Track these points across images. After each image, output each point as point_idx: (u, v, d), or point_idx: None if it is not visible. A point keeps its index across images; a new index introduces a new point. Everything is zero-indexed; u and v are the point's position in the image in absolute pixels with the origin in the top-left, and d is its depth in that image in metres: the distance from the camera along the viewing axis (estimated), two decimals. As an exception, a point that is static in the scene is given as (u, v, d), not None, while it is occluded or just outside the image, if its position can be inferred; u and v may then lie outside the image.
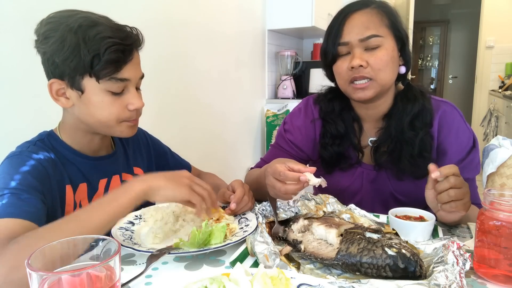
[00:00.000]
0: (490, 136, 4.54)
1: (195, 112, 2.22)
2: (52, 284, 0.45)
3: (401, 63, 1.05)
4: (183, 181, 0.80)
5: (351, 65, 0.98)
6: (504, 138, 1.00)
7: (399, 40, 1.02)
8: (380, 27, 0.98)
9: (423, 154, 1.02)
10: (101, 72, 0.81)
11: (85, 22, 0.80)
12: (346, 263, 0.66)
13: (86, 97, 0.83)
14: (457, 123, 1.05)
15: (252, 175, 1.18)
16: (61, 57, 0.79)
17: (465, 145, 1.04)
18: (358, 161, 1.11)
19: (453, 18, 7.85)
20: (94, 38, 0.79)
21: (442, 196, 0.81)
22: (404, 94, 1.07)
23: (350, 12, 1.01)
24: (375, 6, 1.01)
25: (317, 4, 2.84)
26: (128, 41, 0.84)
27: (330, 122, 1.12)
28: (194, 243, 0.75)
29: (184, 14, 2.05)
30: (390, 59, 0.98)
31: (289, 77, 3.05)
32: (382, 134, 1.08)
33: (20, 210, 0.72)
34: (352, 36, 0.98)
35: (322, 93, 1.18)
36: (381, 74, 0.98)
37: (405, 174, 1.05)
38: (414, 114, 1.03)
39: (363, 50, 0.99)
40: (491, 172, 0.97)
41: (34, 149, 0.85)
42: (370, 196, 1.12)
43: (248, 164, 2.84)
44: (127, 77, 0.85)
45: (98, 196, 0.95)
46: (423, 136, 1.03)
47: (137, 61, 0.89)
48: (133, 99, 0.87)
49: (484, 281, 0.66)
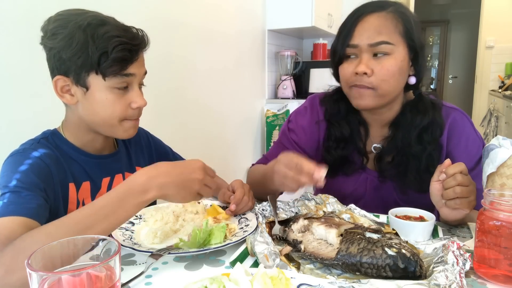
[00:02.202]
0: (490, 136, 4.54)
1: (195, 112, 2.22)
2: (52, 284, 0.45)
3: (411, 73, 1.00)
4: (194, 189, 0.77)
5: (355, 70, 0.95)
6: (504, 138, 1.00)
7: (412, 50, 0.96)
8: (393, 34, 0.94)
9: (430, 169, 0.97)
10: (108, 69, 0.82)
11: (94, 21, 0.82)
12: (346, 263, 0.66)
13: (91, 94, 0.84)
14: (467, 132, 1.02)
15: (255, 171, 1.16)
16: (69, 53, 0.80)
17: (474, 154, 1.00)
18: (363, 166, 1.09)
19: (453, 18, 7.85)
20: (102, 37, 0.80)
21: (447, 193, 0.81)
22: (414, 105, 1.02)
23: (365, 13, 0.96)
24: (392, 10, 0.96)
25: (317, 4, 2.84)
26: (135, 41, 0.85)
27: (335, 124, 1.09)
28: (195, 242, 0.75)
29: (184, 14, 2.05)
30: (397, 70, 0.94)
31: (289, 77, 3.05)
32: (387, 143, 1.05)
33: (20, 207, 0.71)
34: (362, 39, 0.94)
35: (328, 93, 1.15)
36: (384, 85, 0.94)
37: (410, 188, 1.02)
38: (423, 127, 1.00)
39: (371, 56, 0.95)
40: (491, 172, 0.96)
41: (37, 147, 0.85)
42: (373, 203, 1.09)
43: (248, 164, 2.84)
44: (132, 72, 0.86)
45: (101, 195, 0.95)
46: (431, 151, 0.99)
47: (142, 60, 0.90)
48: (136, 98, 0.88)
49: (484, 281, 0.66)
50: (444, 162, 0.84)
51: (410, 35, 0.95)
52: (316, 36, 3.37)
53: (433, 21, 7.94)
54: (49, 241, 0.64)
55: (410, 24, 0.96)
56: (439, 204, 0.86)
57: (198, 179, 0.76)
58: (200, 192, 0.78)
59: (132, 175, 0.73)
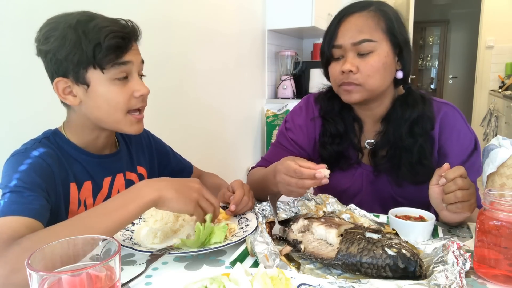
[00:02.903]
0: (490, 136, 4.54)
1: (195, 112, 2.22)
2: (52, 284, 0.45)
3: (398, 67, 1.03)
4: (193, 196, 0.79)
5: (341, 69, 0.99)
6: (504, 138, 1.00)
7: (396, 45, 1.00)
8: (374, 32, 0.97)
9: (423, 161, 1.01)
10: (104, 59, 0.82)
11: (83, 18, 0.83)
12: (346, 263, 0.66)
13: (93, 90, 0.84)
14: (459, 126, 1.04)
15: (255, 174, 1.17)
16: (63, 53, 0.81)
17: (467, 147, 1.03)
18: (358, 160, 1.11)
19: (453, 18, 7.86)
20: (93, 30, 0.81)
21: (449, 197, 0.81)
22: (404, 99, 1.06)
23: (347, 15, 1.00)
24: (373, 9, 1.00)
25: (317, 4, 2.84)
26: (126, 30, 0.86)
27: (329, 120, 1.12)
28: (198, 238, 0.75)
29: (184, 14, 2.05)
30: (381, 65, 0.98)
31: (289, 77, 3.05)
32: (380, 138, 1.07)
33: (23, 207, 0.72)
34: (346, 39, 0.98)
35: (322, 91, 1.18)
36: (370, 80, 0.98)
37: (404, 180, 1.04)
38: (413, 120, 1.02)
39: (356, 55, 0.99)
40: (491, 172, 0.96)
41: (39, 147, 0.85)
42: (370, 198, 1.12)
43: (248, 164, 2.84)
44: (128, 59, 0.86)
45: (102, 195, 0.95)
46: (422, 143, 1.02)
47: (137, 49, 0.91)
48: (138, 86, 0.88)
49: (484, 281, 0.66)
50: (443, 166, 0.84)
51: (392, 31, 0.99)
52: (316, 36, 3.37)
53: (433, 21, 7.94)
54: (54, 239, 0.65)
55: (392, 21, 0.99)
56: (439, 207, 0.86)
57: (196, 187, 0.80)
58: (199, 202, 0.79)
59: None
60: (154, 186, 0.76)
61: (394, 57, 1.01)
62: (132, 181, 1.03)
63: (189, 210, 0.78)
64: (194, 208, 0.78)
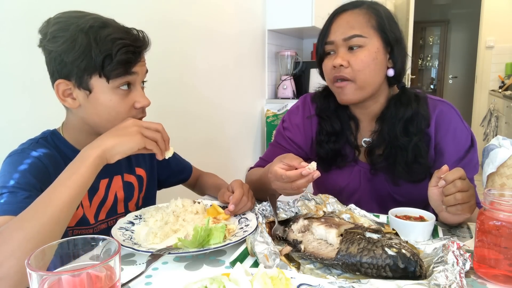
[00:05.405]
0: (490, 136, 4.54)
1: (195, 112, 2.22)
2: (52, 284, 0.45)
3: (389, 65, 1.04)
4: (133, 130, 0.79)
5: (333, 64, 1.01)
6: (504, 138, 1.00)
7: (387, 42, 1.01)
8: (365, 28, 0.99)
9: (418, 160, 1.02)
10: (112, 72, 0.82)
11: (95, 23, 0.81)
12: (346, 263, 0.66)
13: (94, 96, 0.84)
14: (455, 123, 1.04)
15: (253, 175, 1.18)
16: (71, 57, 0.80)
17: (463, 144, 1.03)
18: (355, 158, 1.11)
19: (453, 18, 7.85)
20: (105, 39, 0.80)
21: (448, 200, 0.81)
22: (398, 98, 1.06)
23: (339, 12, 1.04)
24: (365, 7, 1.02)
25: (317, 4, 2.84)
26: (138, 43, 0.86)
27: (325, 119, 1.13)
28: (196, 240, 0.75)
29: (184, 14, 2.05)
30: (371, 60, 0.99)
31: (289, 77, 3.05)
32: (375, 137, 1.08)
33: (16, 207, 0.72)
34: (337, 35, 1.01)
35: (318, 91, 1.19)
36: (361, 75, 0.99)
37: (401, 179, 1.05)
38: (407, 119, 1.03)
39: (347, 50, 1.01)
40: (491, 172, 0.97)
41: (36, 147, 0.85)
42: (368, 196, 1.12)
43: (248, 164, 2.84)
44: (135, 71, 0.86)
45: (99, 197, 0.95)
46: (417, 142, 1.02)
47: (144, 59, 0.91)
48: (140, 98, 0.89)
49: (484, 281, 0.66)
50: (442, 168, 0.84)
51: (383, 29, 1.01)
52: (316, 36, 3.32)
53: (433, 21, 7.94)
54: (23, 223, 0.64)
55: (383, 19, 1.01)
56: (438, 208, 0.86)
57: (132, 124, 0.80)
58: (143, 133, 0.79)
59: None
60: (94, 144, 0.76)
61: (385, 54, 1.02)
62: (131, 183, 1.03)
63: (139, 144, 0.78)
64: (141, 140, 0.78)
